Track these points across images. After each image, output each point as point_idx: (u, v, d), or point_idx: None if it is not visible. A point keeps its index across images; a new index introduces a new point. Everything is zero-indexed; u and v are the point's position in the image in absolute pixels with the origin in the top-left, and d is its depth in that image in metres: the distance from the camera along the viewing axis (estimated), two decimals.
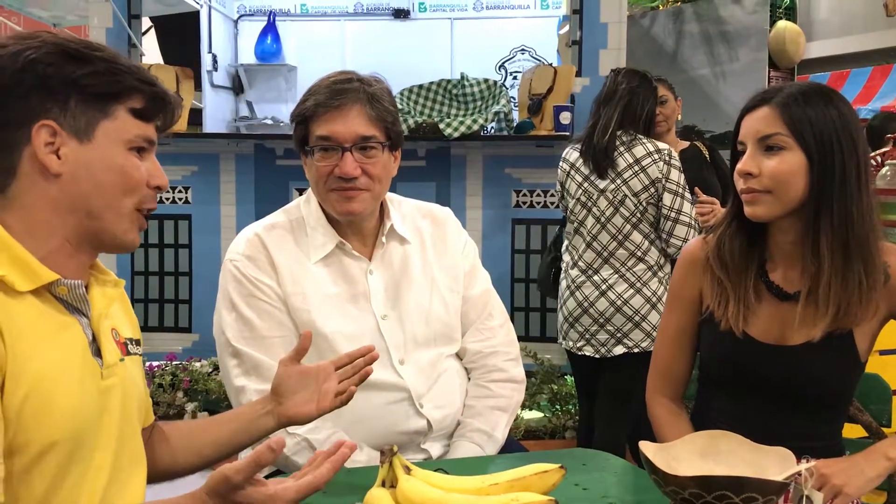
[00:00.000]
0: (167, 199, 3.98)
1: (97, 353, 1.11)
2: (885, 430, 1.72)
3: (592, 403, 3.03)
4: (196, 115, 4.50)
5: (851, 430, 1.70)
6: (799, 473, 1.07)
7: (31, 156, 1.04)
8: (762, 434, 1.24)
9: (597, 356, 2.86)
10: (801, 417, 1.48)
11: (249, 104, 5.32)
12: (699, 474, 1.08)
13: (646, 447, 1.14)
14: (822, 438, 1.49)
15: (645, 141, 2.80)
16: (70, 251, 1.09)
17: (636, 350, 2.81)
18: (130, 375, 1.18)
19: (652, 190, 2.76)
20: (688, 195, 2.80)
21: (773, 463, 1.13)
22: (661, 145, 2.81)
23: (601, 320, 2.82)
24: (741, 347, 1.48)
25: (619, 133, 2.79)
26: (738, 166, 1.44)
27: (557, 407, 3.58)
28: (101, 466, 1.09)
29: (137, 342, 1.24)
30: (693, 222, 2.79)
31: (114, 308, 1.18)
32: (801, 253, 1.45)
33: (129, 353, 1.19)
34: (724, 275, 1.51)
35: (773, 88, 1.44)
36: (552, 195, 3.72)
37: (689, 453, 1.19)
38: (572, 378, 3.47)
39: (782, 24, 4.52)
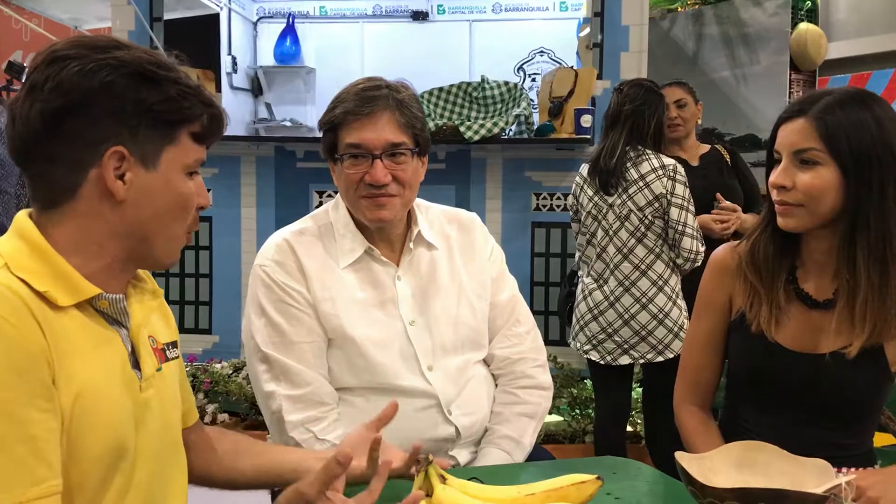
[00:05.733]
0: None
1: (136, 365, 1.10)
2: None
3: (607, 402, 3.08)
4: None
5: (882, 439, 1.69)
6: (839, 486, 1.06)
7: (97, 178, 1.03)
8: (790, 443, 1.23)
9: (601, 362, 2.93)
10: (830, 427, 1.47)
11: (268, 106, 5.35)
12: (737, 486, 1.07)
13: (682, 458, 1.14)
14: (851, 448, 1.49)
15: (651, 157, 2.84)
16: (116, 271, 1.08)
17: (641, 361, 2.87)
18: (168, 383, 1.18)
19: (656, 205, 2.81)
20: (692, 208, 2.83)
21: (811, 475, 1.12)
22: (667, 161, 2.84)
23: (609, 330, 2.89)
24: (769, 353, 1.47)
25: (627, 149, 2.85)
26: (772, 178, 1.44)
27: (577, 411, 3.57)
28: (140, 481, 1.08)
29: (175, 344, 1.23)
30: (696, 234, 2.82)
31: (151, 316, 1.18)
32: (834, 262, 1.44)
33: (167, 360, 1.18)
34: (758, 280, 1.50)
35: (811, 97, 1.43)
36: (570, 199, 3.74)
37: (724, 464, 1.19)
38: (591, 382, 3.48)
39: (804, 26, 4.48)
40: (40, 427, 0.94)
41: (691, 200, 2.83)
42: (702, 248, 2.81)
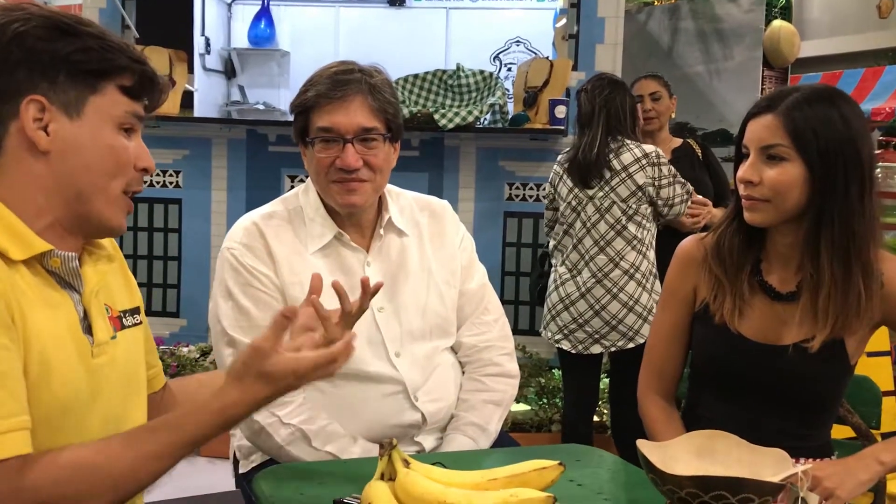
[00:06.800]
0: (157, 182, 3.96)
1: (88, 330, 1.09)
2: (873, 431, 1.74)
3: (576, 391, 3.10)
4: (187, 99, 4.47)
5: (840, 431, 1.73)
6: (795, 475, 1.08)
7: (18, 131, 1.02)
8: (751, 433, 1.25)
9: (573, 351, 2.95)
10: (791, 418, 1.50)
11: (241, 88, 5.28)
12: (696, 474, 1.09)
13: (643, 445, 1.15)
14: (811, 439, 1.51)
15: (632, 146, 2.86)
16: (61, 232, 1.07)
17: (612, 349, 2.89)
18: (125, 351, 1.16)
19: (640, 194, 2.85)
20: (679, 179, 2.90)
21: (769, 464, 1.14)
22: (648, 148, 2.87)
23: (580, 320, 2.91)
24: (732, 345, 1.49)
25: (608, 139, 2.87)
26: (739, 174, 1.45)
27: (544, 400, 3.60)
28: None
29: (136, 311, 1.22)
30: (685, 196, 2.92)
31: (107, 282, 1.16)
32: (798, 256, 1.47)
33: (123, 327, 1.17)
34: (722, 271, 1.52)
35: (780, 94, 1.44)
36: (545, 189, 3.75)
37: (685, 452, 1.20)
38: (559, 371, 3.51)
39: (777, 23, 4.53)
40: (6, 364, 0.94)
41: (677, 174, 2.90)
42: (686, 197, 2.93)
